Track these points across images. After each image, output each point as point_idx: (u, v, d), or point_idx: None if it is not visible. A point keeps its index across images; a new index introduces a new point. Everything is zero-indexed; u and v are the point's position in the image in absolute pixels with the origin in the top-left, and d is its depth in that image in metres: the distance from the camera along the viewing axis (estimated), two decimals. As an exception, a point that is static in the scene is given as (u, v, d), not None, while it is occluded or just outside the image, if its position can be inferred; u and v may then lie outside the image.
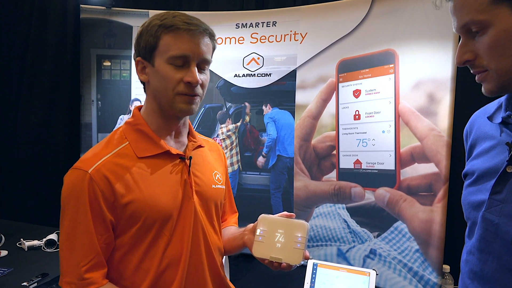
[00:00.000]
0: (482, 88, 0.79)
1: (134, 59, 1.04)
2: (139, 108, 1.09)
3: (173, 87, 0.97)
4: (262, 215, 1.07)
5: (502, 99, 0.86)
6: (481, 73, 0.77)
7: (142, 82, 1.06)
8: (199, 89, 1.00)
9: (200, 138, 1.20)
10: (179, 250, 1.02)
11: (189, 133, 1.14)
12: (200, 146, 1.15)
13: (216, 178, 1.16)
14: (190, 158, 1.07)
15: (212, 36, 1.01)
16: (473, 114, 0.99)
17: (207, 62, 1.02)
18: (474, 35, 0.75)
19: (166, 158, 1.03)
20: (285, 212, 1.07)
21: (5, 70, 3.13)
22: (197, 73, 0.98)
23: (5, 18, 3.11)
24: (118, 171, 0.96)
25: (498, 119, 0.85)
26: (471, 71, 0.79)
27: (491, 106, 0.91)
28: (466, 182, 0.92)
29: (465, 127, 1.01)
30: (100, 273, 0.96)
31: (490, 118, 0.88)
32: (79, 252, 0.94)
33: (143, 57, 1.00)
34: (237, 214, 1.37)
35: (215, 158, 1.22)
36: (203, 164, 1.13)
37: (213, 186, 1.13)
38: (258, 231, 1.05)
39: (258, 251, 1.03)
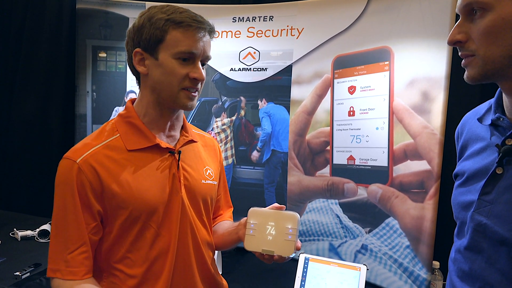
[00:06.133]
0: (465, 74, 0.79)
1: (129, 50, 1.03)
2: (133, 101, 1.09)
3: (178, 82, 0.98)
4: (252, 208, 1.07)
5: (492, 100, 0.87)
6: (468, 57, 0.78)
7: (135, 74, 1.06)
8: (199, 85, 1.02)
9: (195, 133, 1.20)
10: (167, 243, 1.03)
11: (183, 128, 1.14)
12: (192, 141, 1.15)
13: (207, 174, 1.15)
14: (179, 152, 1.07)
15: (213, 33, 1.03)
16: (465, 115, 1.00)
17: (208, 59, 1.04)
18: (473, 19, 0.76)
19: (156, 152, 1.04)
20: (276, 204, 1.07)
21: (-1, 60, 3.11)
22: (202, 70, 1.00)
23: (0, 8, 3.08)
24: (106, 163, 0.97)
25: (488, 120, 0.86)
26: (459, 54, 0.79)
27: (482, 108, 0.92)
28: (456, 183, 0.93)
29: (457, 128, 1.01)
30: (85, 265, 0.96)
31: (480, 119, 0.89)
32: (67, 239, 0.95)
33: (143, 49, 0.99)
34: (232, 208, 1.38)
35: (209, 153, 1.21)
36: (194, 159, 1.13)
37: (203, 181, 1.13)
38: (249, 224, 1.05)
39: (250, 245, 1.04)
